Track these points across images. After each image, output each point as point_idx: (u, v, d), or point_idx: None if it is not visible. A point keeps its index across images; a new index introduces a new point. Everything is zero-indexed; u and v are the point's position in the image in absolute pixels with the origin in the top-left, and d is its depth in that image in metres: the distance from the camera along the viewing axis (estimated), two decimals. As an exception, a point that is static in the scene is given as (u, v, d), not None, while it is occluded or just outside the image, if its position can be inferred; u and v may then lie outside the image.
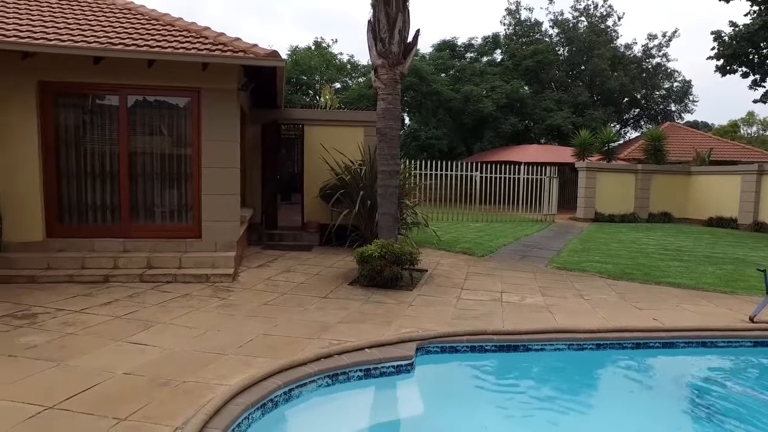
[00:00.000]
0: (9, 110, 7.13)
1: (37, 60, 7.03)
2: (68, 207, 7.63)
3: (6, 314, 5.26)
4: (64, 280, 6.74)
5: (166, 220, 7.80)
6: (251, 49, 7.34)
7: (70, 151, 7.60)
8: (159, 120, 7.82)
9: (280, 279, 7.29)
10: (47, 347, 4.36)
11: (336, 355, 4.17)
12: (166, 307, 5.68)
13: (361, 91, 28.94)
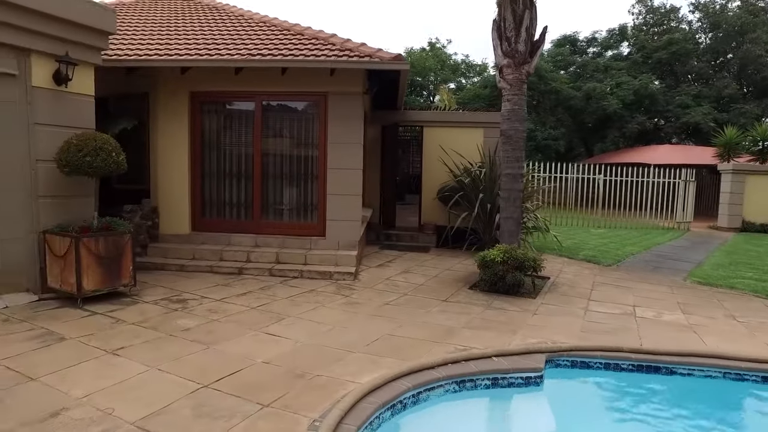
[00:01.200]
0: (171, 119, 8.05)
1: (190, 73, 7.85)
2: (209, 204, 8.42)
3: (164, 298, 5.92)
4: (206, 270, 7.44)
5: (293, 219, 8.27)
6: (376, 54, 7.52)
7: (212, 153, 8.38)
8: (289, 123, 8.31)
9: (400, 280, 7.38)
10: (197, 331, 4.82)
11: (463, 362, 4.09)
12: (295, 302, 6.01)
13: (476, 92, 28.51)
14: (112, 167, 5.68)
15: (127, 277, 5.93)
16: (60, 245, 5.54)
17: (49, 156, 5.72)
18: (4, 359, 4.00)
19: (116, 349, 4.28)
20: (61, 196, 5.95)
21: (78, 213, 6.03)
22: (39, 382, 3.62)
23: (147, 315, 5.28)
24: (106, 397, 3.43)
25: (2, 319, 5.00)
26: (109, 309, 5.44)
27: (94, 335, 4.62)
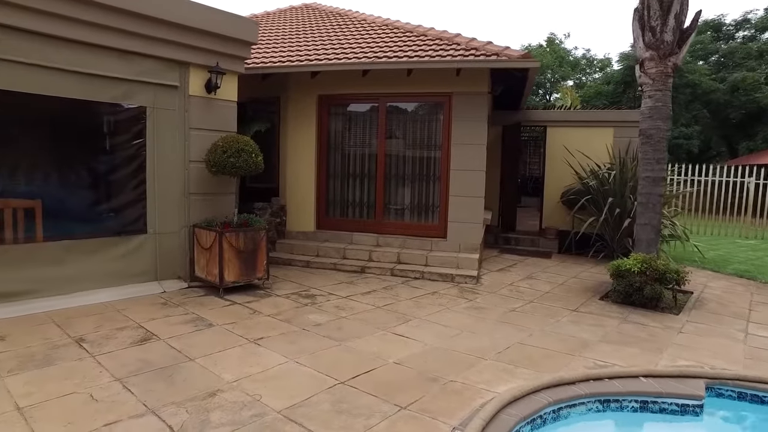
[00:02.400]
0: (299, 121, 8.51)
1: (318, 77, 8.21)
2: (333, 203, 8.73)
3: (294, 292, 6.24)
4: (330, 267, 7.72)
5: (414, 219, 8.29)
6: (503, 52, 7.28)
7: (336, 154, 8.69)
8: (412, 125, 8.35)
9: (524, 286, 7.07)
10: (328, 327, 4.99)
11: (606, 379, 3.78)
12: (419, 303, 6.00)
13: (598, 88, 26.72)
14: (251, 167, 6.09)
15: (262, 271, 6.32)
16: (206, 239, 6.06)
17: (199, 157, 6.30)
18: (168, 338, 4.45)
19: (257, 339, 4.56)
20: (208, 194, 6.51)
21: (221, 209, 6.57)
22: (196, 363, 3.96)
23: (280, 308, 5.58)
24: (252, 383, 3.65)
25: (161, 303, 5.58)
26: (247, 300, 5.84)
27: (236, 324, 4.98)
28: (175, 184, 6.22)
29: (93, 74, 5.46)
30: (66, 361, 3.92)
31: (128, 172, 5.94)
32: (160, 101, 6.04)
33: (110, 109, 5.79)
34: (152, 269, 6.10)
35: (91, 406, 3.23)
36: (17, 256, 5.12)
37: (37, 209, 5.29)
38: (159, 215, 6.11)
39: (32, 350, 4.11)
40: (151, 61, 5.90)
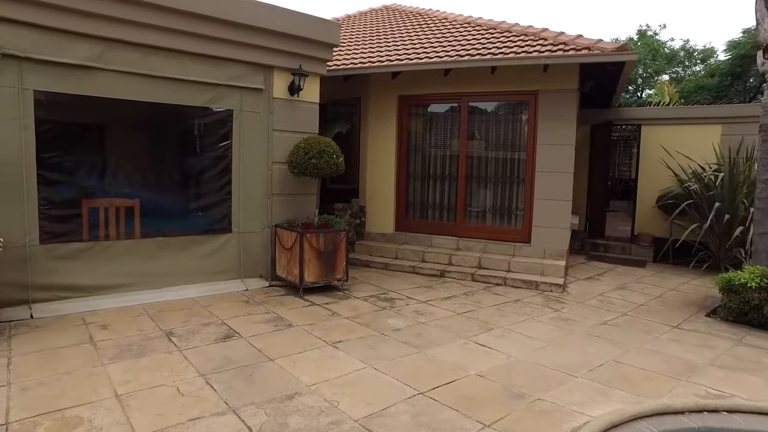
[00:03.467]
0: (380, 122, 8.48)
1: (399, 77, 8.12)
2: (412, 205, 8.61)
3: (372, 295, 6.18)
4: (409, 270, 7.60)
5: (496, 223, 7.97)
6: (596, 45, 6.79)
7: (416, 155, 8.56)
8: (495, 124, 8.03)
9: (616, 297, 6.54)
10: (407, 332, 4.85)
11: (725, 413, 3.32)
12: (501, 311, 5.71)
13: (699, 82, 24.52)
14: (332, 168, 6.10)
15: (341, 272, 6.32)
16: (288, 239, 6.16)
17: (282, 158, 6.42)
18: (250, 337, 4.54)
19: (335, 342, 4.52)
20: (290, 195, 6.63)
21: (302, 210, 6.66)
22: (275, 364, 3.98)
23: (359, 311, 5.53)
24: (330, 388, 3.59)
25: (244, 300, 5.73)
26: (325, 301, 5.85)
27: (315, 325, 4.98)
28: (258, 184, 6.39)
29: (187, 80, 5.72)
30: (157, 353, 4.09)
31: (215, 173, 6.18)
32: (246, 104, 6.22)
33: (201, 113, 6.05)
34: (236, 267, 6.30)
35: (177, 400, 3.32)
36: (119, 251, 5.47)
37: (135, 208, 5.63)
38: (243, 215, 6.30)
39: (129, 340, 4.34)
40: (239, 66, 6.10)
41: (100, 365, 3.82)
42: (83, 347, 4.16)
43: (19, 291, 4.89)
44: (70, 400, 3.27)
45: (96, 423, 3.01)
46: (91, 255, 5.28)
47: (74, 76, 5.04)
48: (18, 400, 3.25)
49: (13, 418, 3.04)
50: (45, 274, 5.02)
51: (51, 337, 4.36)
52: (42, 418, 3.05)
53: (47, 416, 3.07)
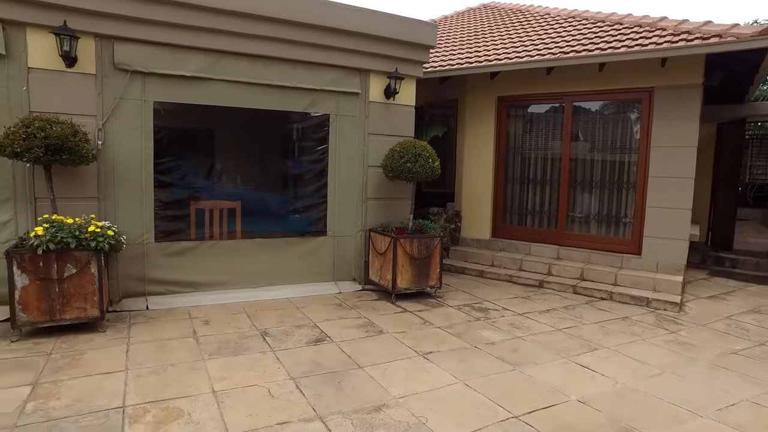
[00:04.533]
0: (477, 124, 8.22)
1: (498, 78, 7.81)
2: (510, 210, 8.23)
3: (466, 304, 5.96)
4: (505, 279, 7.25)
5: (601, 232, 7.36)
6: (729, 32, 5.98)
7: (515, 158, 8.17)
8: (602, 125, 7.43)
9: (749, 321, 5.72)
10: (502, 347, 4.59)
11: None
12: (606, 329, 5.23)
13: None
14: (428, 173, 5.98)
15: (435, 279, 6.17)
16: (381, 243, 6.13)
17: (377, 162, 6.41)
18: (340, 342, 4.55)
19: (426, 353, 4.38)
20: (384, 198, 6.61)
21: (397, 214, 6.62)
22: (364, 372, 3.93)
23: (451, 320, 5.35)
24: (418, 402, 3.46)
25: (337, 304, 5.79)
26: (418, 308, 5.74)
27: (406, 333, 4.88)
28: (353, 188, 6.44)
29: (288, 87, 5.90)
30: (252, 352, 4.22)
31: (312, 176, 6.32)
32: (343, 108, 6.29)
33: (299, 117, 6.22)
34: (330, 270, 6.39)
35: (268, 402, 3.38)
36: (221, 250, 5.78)
37: (237, 209, 5.92)
38: (338, 218, 6.38)
39: (228, 338, 4.54)
40: (336, 71, 6.18)
41: (200, 360, 4.01)
42: (187, 341, 4.42)
43: (137, 284, 5.35)
44: (173, 391, 3.46)
45: (194, 417, 3.14)
46: (196, 253, 5.64)
47: (187, 87, 5.41)
48: (133, 386, 3.51)
49: (128, 402, 3.27)
50: (158, 269, 5.43)
51: (161, 329, 4.68)
52: (150, 405, 3.25)
53: (154, 404, 3.27)
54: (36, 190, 4.84)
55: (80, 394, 3.37)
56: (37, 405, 3.22)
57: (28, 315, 4.27)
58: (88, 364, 3.87)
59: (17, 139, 4.20)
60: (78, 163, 4.60)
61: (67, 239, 4.26)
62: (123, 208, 5.21)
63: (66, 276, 4.32)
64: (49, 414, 3.12)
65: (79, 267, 4.35)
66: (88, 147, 4.60)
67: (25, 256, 4.20)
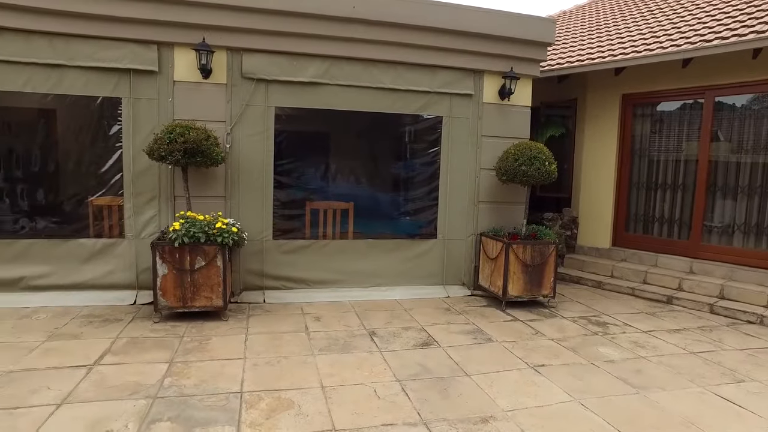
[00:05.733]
0: (598, 125, 7.68)
1: (624, 73, 7.20)
2: (634, 218, 7.55)
3: (582, 316, 5.56)
4: (626, 292, 6.66)
5: (749, 245, 6.45)
6: None
7: (641, 161, 7.48)
8: (751, 122, 6.50)
9: None
10: (623, 366, 4.19)
11: None
12: (757, 359, 4.54)
13: None
14: (544, 176, 5.67)
15: (548, 288, 5.84)
16: (493, 248, 5.94)
17: (490, 165, 6.23)
18: (447, 347, 4.47)
19: (537, 365, 4.14)
20: (497, 202, 6.41)
21: (509, 219, 6.38)
22: (471, 380, 3.81)
23: (565, 333, 5.01)
24: (528, 418, 3.27)
25: (445, 308, 5.72)
26: (529, 318, 5.46)
27: (516, 343, 4.66)
28: (464, 191, 6.32)
29: (401, 89, 5.97)
30: (360, 351, 4.30)
31: (423, 178, 6.31)
32: (455, 110, 6.21)
33: (412, 120, 6.25)
34: (439, 273, 6.33)
35: (373, 402, 3.40)
36: (334, 250, 5.99)
37: (350, 210, 6.10)
38: (448, 221, 6.30)
39: (337, 335, 4.68)
40: (449, 73, 6.11)
41: (311, 355, 4.17)
42: (299, 336, 4.62)
43: (256, 278, 5.73)
44: (285, 383, 3.63)
45: (303, 409, 3.26)
46: (310, 251, 5.89)
47: (305, 92, 5.69)
48: (249, 374, 3.74)
49: (245, 389, 3.50)
50: (275, 265, 5.77)
51: (276, 322, 4.96)
52: (264, 394, 3.44)
53: (268, 393, 3.45)
54: (175, 189, 5.40)
55: (205, 376, 3.67)
56: (172, 381, 3.57)
57: (166, 300, 4.77)
58: (213, 349, 4.21)
59: (162, 144, 4.71)
60: (209, 165, 5.05)
61: (198, 234, 4.68)
62: (245, 206, 5.62)
63: (196, 267, 4.75)
64: (182, 391, 3.43)
65: (208, 260, 4.76)
66: (218, 150, 5.03)
67: (165, 248, 4.69)
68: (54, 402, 3.24)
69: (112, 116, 5.33)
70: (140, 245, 5.41)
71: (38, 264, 5.29)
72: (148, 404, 3.24)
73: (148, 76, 5.30)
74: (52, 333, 4.45)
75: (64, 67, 5.15)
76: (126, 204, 5.39)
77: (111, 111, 5.33)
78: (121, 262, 5.43)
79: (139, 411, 3.15)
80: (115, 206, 5.45)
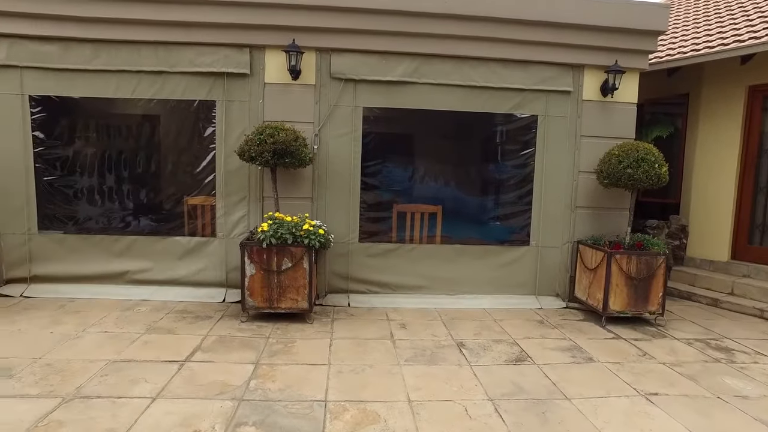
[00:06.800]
0: (716, 122, 6.85)
1: (752, 62, 6.35)
2: (760, 227, 6.63)
3: (698, 339, 4.92)
4: (751, 313, 5.84)
5: None
6: None
7: (769, 162, 6.57)
8: None
9: None
10: (760, 405, 3.58)
11: None
12: None
13: None
14: (652, 180, 5.09)
15: (655, 305, 5.24)
16: (592, 258, 5.43)
17: (590, 167, 5.73)
18: (543, 365, 4.10)
19: (649, 393, 3.66)
20: (596, 208, 5.88)
21: (610, 226, 5.84)
22: (572, 404, 3.43)
23: (679, 356, 4.43)
24: (645, 455, 2.85)
25: (537, 320, 5.31)
26: (633, 336, 4.92)
27: (621, 365, 4.18)
28: (560, 195, 5.86)
29: (493, 87, 5.65)
30: (448, 364, 4.05)
31: (515, 182, 5.93)
32: (552, 108, 5.77)
33: (504, 120, 5.89)
34: (530, 283, 5.92)
35: (464, 422, 3.14)
36: (420, 254, 5.78)
37: (438, 214, 5.86)
38: (542, 227, 5.87)
39: (424, 344, 4.46)
40: (546, 68, 5.70)
41: (396, 365, 3.98)
42: (384, 343, 4.45)
43: (341, 281, 5.66)
44: (370, 393, 3.46)
45: (390, 424, 3.07)
46: (396, 255, 5.73)
47: (392, 92, 5.54)
48: (334, 381, 3.63)
49: (330, 398, 3.38)
50: (360, 268, 5.67)
51: (360, 328, 4.83)
52: (349, 404, 3.30)
53: (353, 404, 3.30)
54: (264, 189, 5.46)
55: (290, 381, 3.60)
56: (257, 384, 3.53)
57: (253, 300, 4.80)
58: (298, 352, 4.15)
59: (252, 145, 4.75)
60: (297, 166, 5.04)
61: (285, 235, 4.66)
62: (332, 208, 5.57)
63: (283, 269, 4.74)
64: (267, 395, 3.38)
65: (294, 261, 4.73)
66: (306, 151, 5.00)
67: (253, 249, 4.73)
68: (150, 395, 3.31)
69: (207, 119, 5.50)
70: (230, 244, 5.53)
71: (140, 259, 5.58)
72: (234, 406, 3.21)
73: (240, 79, 5.41)
74: (150, 326, 4.64)
75: (166, 73, 5.40)
76: (218, 204, 5.53)
77: (206, 114, 5.50)
78: (212, 260, 5.58)
79: (226, 412, 3.13)
80: (208, 206, 5.62)
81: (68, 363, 3.80)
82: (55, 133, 5.55)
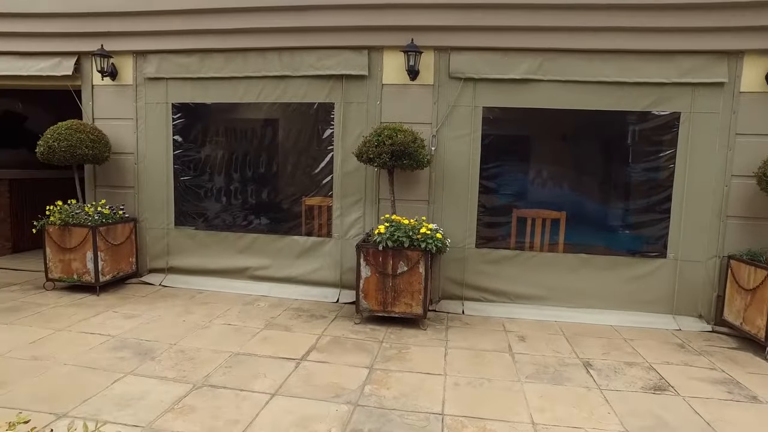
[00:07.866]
0: None
1: None
2: None
3: None
4: None
5: None
6: None
7: None
8: None
9: None
10: None
11: None
12: None
13: None
14: (833, 186, 4.26)
15: (834, 335, 4.37)
16: (749, 276, 4.68)
17: (746, 171, 4.96)
18: (689, 397, 3.57)
19: (836, 445, 3.01)
20: (754, 218, 5.06)
21: (771, 240, 5.01)
22: (732, 449, 2.92)
23: None
24: None
25: (677, 343, 4.69)
26: (805, 371, 4.13)
27: None
28: (707, 203, 5.14)
29: (626, 83, 5.12)
30: (574, 385, 3.68)
31: (651, 186, 5.32)
32: (698, 104, 5.08)
33: (638, 118, 5.30)
34: (667, 300, 5.26)
35: (600, 456, 2.80)
36: (541, 263, 5.40)
37: (561, 221, 5.44)
38: (683, 238, 5.19)
39: (546, 361, 4.12)
40: (692, 58, 5.03)
41: (517, 381, 3.70)
42: (503, 356, 4.18)
43: (455, 287, 5.46)
44: (489, 411, 3.24)
45: (513, 448, 2.83)
46: (514, 263, 5.40)
47: (513, 90, 5.24)
48: (450, 393, 3.45)
49: (447, 411, 3.21)
50: (475, 275, 5.43)
51: (476, 338, 4.60)
52: (467, 420, 3.10)
53: (471, 420, 3.10)
54: (380, 191, 5.44)
55: (405, 390, 3.49)
56: (372, 389, 3.47)
57: (367, 303, 4.78)
58: (412, 359, 4.03)
59: (371, 146, 4.74)
60: (415, 168, 4.93)
61: (402, 239, 4.58)
62: (448, 211, 5.40)
63: (398, 272, 4.65)
64: (381, 402, 3.29)
65: (410, 265, 4.63)
66: (423, 152, 4.88)
67: (369, 251, 4.70)
68: (269, 391, 3.38)
69: (325, 121, 5.61)
70: (345, 245, 5.58)
71: (260, 257, 5.84)
72: (349, 411, 3.17)
73: (358, 81, 5.45)
74: (269, 322, 4.80)
75: (288, 77, 5.61)
76: (334, 205, 5.62)
77: (324, 116, 5.61)
78: (327, 260, 5.68)
79: (341, 417, 3.09)
80: (324, 206, 5.72)
81: (198, 351, 4.03)
82: (191, 136, 6.02)
